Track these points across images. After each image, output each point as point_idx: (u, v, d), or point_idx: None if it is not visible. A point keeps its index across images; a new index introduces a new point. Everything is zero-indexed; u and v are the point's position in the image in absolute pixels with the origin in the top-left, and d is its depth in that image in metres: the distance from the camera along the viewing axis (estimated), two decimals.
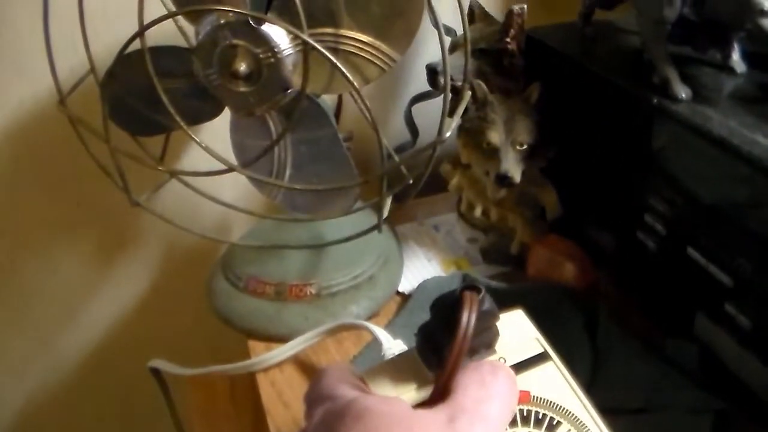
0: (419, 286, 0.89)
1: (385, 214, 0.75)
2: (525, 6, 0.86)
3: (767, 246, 0.61)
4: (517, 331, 0.48)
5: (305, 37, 0.61)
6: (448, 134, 0.67)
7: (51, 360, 1.19)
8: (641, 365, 0.72)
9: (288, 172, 0.75)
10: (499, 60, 0.88)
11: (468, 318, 0.40)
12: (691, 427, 0.66)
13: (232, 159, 0.76)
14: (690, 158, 0.69)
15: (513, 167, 0.83)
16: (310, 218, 0.82)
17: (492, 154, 0.84)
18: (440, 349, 0.41)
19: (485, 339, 0.45)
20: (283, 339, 0.82)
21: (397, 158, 0.70)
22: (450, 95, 0.66)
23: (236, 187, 0.94)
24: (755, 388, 0.66)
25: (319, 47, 0.61)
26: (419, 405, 0.41)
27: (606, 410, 0.45)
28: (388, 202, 0.78)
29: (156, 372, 0.90)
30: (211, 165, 0.72)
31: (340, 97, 0.93)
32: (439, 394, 0.41)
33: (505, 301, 0.49)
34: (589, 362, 0.73)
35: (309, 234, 0.86)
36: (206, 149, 0.71)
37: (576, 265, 0.84)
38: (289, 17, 0.62)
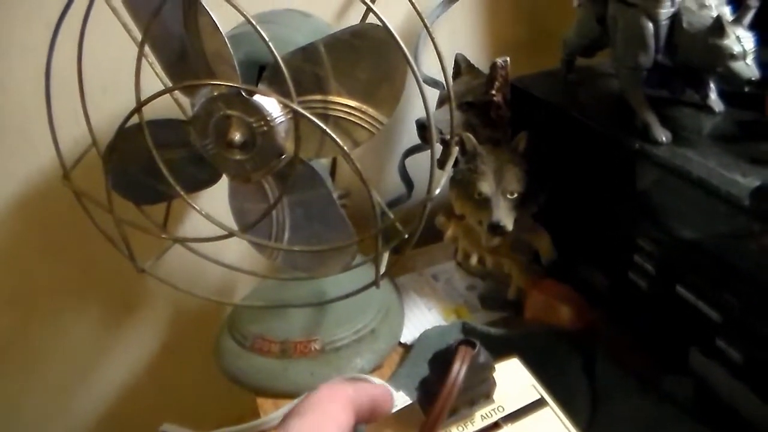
0: (420, 336, 0.90)
1: (383, 270, 0.77)
2: (508, 58, 0.88)
3: (751, 281, 0.63)
4: (514, 380, 0.49)
5: (295, 106, 0.63)
6: (437, 191, 0.69)
7: (65, 425, 1.19)
8: (640, 402, 0.72)
9: (287, 234, 0.77)
10: (486, 112, 0.90)
11: (459, 368, 0.42)
12: None
13: (232, 223, 0.78)
14: (673, 199, 0.71)
15: (505, 216, 0.84)
16: (310, 277, 0.83)
17: (484, 204, 0.85)
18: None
19: (483, 390, 0.47)
20: (290, 395, 0.84)
21: (391, 215, 0.72)
22: (440, 151, 0.68)
23: (239, 249, 0.96)
24: (751, 419, 0.67)
25: (308, 115, 0.63)
26: None
27: None
28: (385, 257, 0.80)
29: None
30: (213, 229, 0.75)
31: (334, 157, 0.96)
32: None
33: (504, 347, 0.51)
34: (588, 402, 0.74)
35: (311, 291, 0.88)
36: (206, 216, 0.73)
37: (571, 307, 0.85)
38: (279, 87, 0.64)
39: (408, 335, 0.93)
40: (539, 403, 0.48)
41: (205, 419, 0.92)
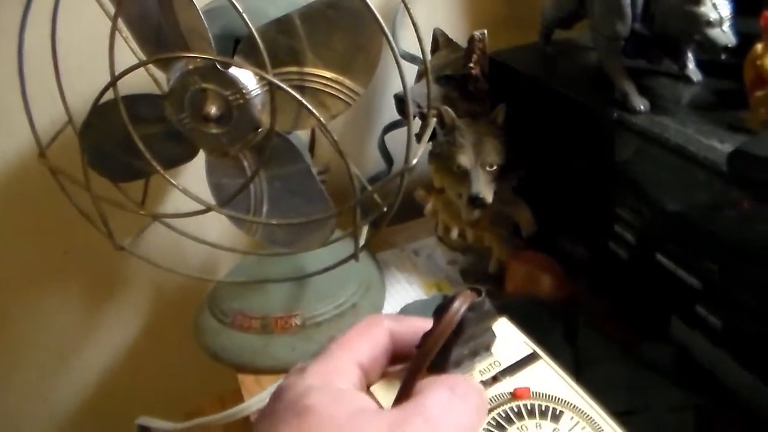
0: (401, 310, 0.90)
1: (362, 242, 0.77)
2: (485, 31, 0.88)
3: (730, 247, 0.63)
4: (506, 337, 0.50)
5: (270, 77, 0.63)
6: (414, 161, 0.68)
7: (46, 409, 1.19)
8: (621, 369, 0.73)
9: (265, 208, 0.77)
10: (465, 85, 0.89)
11: (459, 306, 0.41)
12: (672, 425, 0.67)
13: (212, 200, 0.77)
14: (652, 168, 0.71)
15: (484, 188, 0.84)
16: (290, 252, 0.83)
17: (463, 177, 0.85)
18: (444, 351, 0.42)
19: (484, 341, 0.47)
20: (271, 371, 0.84)
21: (369, 188, 0.72)
22: (419, 122, 0.68)
23: (221, 226, 0.96)
24: (730, 384, 0.68)
25: (284, 86, 0.63)
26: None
27: None
28: (365, 230, 0.79)
29: (145, 429, 0.90)
30: (194, 206, 0.74)
31: (313, 132, 0.95)
32: (411, 378, 0.41)
33: None
34: (570, 370, 0.74)
35: (291, 267, 0.87)
36: (183, 191, 0.72)
37: (553, 277, 0.85)
38: (254, 59, 0.64)
39: (389, 310, 0.93)
40: (533, 357, 0.48)
41: (187, 399, 0.92)
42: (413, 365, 0.41)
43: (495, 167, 0.85)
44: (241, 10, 0.60)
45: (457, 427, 0.39)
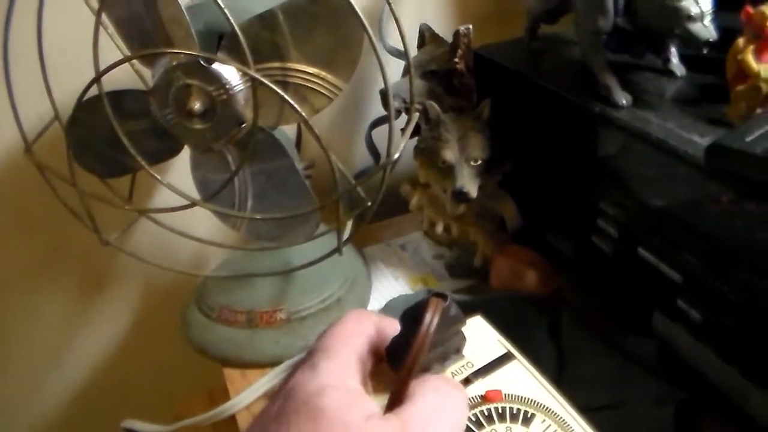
0: (386, 305, 0.90)
1: (346, 237, 0.77)
2: (470, 26, 0.88)
3: (710, 241, 0.63)
4: (479, 336, 0.50)
5: (252, 72, 0.63)
6: (397, 155, 0.68)
7: (38, 404, 1.19)
8: (605, 363, 0.73)
9: (249, 203, 0.77)
10: (450, 80, 0.89)
11: (431, 318, 0.41)
12: (655, 419, 0.67)
13: (198, 195, 0.78)
14: (634, 162, 0.71)
15: (468, 183, 0.84)
16: (275, 246, 0.83)
17: (448, 171, 0.85)
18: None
19: (454, 344, 0.47)
20: (256, 365, 0.85)
21: (352, 180, 0.72)
22: (401, 117, 0.68)
23: (210, 221, 0.96)
24: (711, 378, 0.68)
25: (266, 81, 0.63)
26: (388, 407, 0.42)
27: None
28: (349, 225, 0.79)
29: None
30: (181, 201, 0.74)
31: (299, 127, 0.95)
32: (398, 394, 0.42)
33: (469, 313, 0.51)
34: (554, 364, 0.74)
35: (278, 262, 0.87)
36: (168, 186, 0.73)
37: (537, 272, 0.86)
38: (237, 55, 0.64)
39: (375, 304, 0.93)
40: (507, 357, 0.49)
41: (177, 394, 0.92)
42: (399, 378, 0.42)
43: (480, 162, 0.85)
44: (223, 6, 0.60)
45: (449, 425, 0.41)
